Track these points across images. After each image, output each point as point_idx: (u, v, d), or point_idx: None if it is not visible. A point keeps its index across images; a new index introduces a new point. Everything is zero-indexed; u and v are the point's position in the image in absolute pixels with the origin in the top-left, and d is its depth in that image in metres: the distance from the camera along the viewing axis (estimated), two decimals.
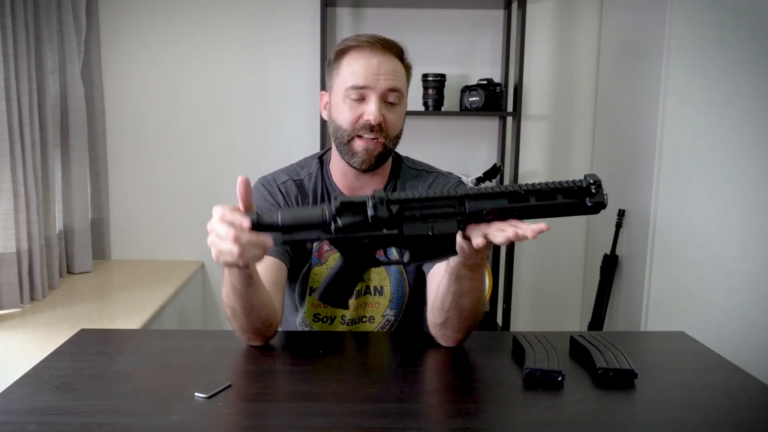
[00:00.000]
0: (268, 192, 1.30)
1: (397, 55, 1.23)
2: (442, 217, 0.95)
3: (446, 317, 1.11)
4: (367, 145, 1.21)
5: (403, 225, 0.95)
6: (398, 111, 1.24)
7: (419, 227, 0.95)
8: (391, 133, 1.23)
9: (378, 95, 1.20)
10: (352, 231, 0.94)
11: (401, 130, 1.27)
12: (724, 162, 2.16)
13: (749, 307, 2.20)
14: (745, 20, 2.10)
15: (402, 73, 1.24)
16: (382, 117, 1.20)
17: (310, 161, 1.35)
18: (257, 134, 2.69)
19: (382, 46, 1.21)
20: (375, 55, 1.20)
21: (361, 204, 0.94)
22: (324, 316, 1.33)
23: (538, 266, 2.86)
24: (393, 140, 1.25)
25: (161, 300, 2.13)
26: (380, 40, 1.22)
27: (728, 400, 0.99)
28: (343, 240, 0.95)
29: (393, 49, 1.22)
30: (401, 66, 1.24)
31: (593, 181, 0.94)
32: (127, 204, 2.70)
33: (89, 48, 2.51)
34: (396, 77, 1.21)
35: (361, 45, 1.21)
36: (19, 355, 1.61)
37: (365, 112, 1.20)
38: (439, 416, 0.95)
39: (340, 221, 0.93)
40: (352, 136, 1.22)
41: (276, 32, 2.63)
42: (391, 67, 1.21)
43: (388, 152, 1.25)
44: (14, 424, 0.87)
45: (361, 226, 0.94)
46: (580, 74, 2.73)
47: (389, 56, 1.22)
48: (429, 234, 0.94)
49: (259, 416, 0.95)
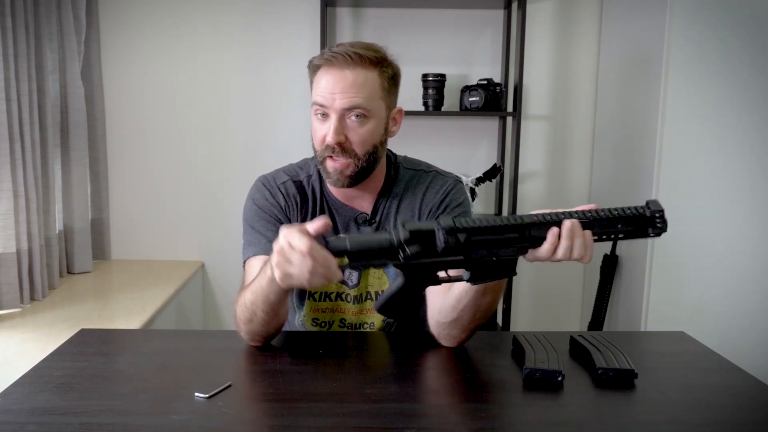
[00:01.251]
0: (268, 192, 1.29)
1: (366, 65, 1.17)
2: (506, 243, 0.97)
3: (458, 316, 1.11)
4: (335, 165, 1.20)
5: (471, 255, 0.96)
6: (365, 127, 1.18)
7: (484, 253, 0.96)
8: (359, 150, 1.19)
9: (336, 115, 1.17)
10: (419, 258, 0.96)
11: (376, 146, 1.22)
12: (723, 162, 2.16)
13: (749, 307, 2.20)
14: (744, 23, 2.10)
15: (370, 83, 1.17)
16: (344, 137, 1.17)
17: (309, 163, 1.35)
18: (257, 134, 2.69)
19: (345, 60, 1.15)
20: (335, 71, 1.16)
21: (429, 233, 0.95)
22: (323, 321, 1.33)
23: (538, 266, 2.84)
24: (364, 157, 1.20)
25: (161, 300, 2.13)
26: (344, 53, 1.16)
27: (728, 400, 0.99)
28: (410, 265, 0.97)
29: (358, 61, 1.16)
30: (373, 75, 1.18)
31: (657, 213, 0.99)
32: (127, 204, 2.70)
33: (89, 48, 2.51)
34: (357, 92, 1.15)
35: (323, 62, 1.18)
36: (19, 355, 1.61)
37: (327, 134, 1.18)
38: (439, 416, 0.95)
39: (409, 250, 0.94)
40: (323, 156, 1.21)
41: (276, 32, 2.63)
42: (353, 81, 1.15)
43: (365, 169, 1.22)
44: (14, 424, 0.87)
45: (429, 254, 0.96)
46: (580, 74, 2.73)
47: (351, 70, 1.16)
48: (493, 260, 0.97)
49: (259, 416, 0.95)
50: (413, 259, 0.95)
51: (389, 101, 1.24)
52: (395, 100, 1.27)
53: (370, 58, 1.17)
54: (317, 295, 1.31)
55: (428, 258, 0.95)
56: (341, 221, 1.29)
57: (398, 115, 1.28)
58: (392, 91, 1.24)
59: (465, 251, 0.95)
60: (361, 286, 1.30)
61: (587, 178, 2.78)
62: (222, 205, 2.70)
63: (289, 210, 1.29)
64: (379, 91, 1.19)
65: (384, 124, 1.24)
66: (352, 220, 1.29)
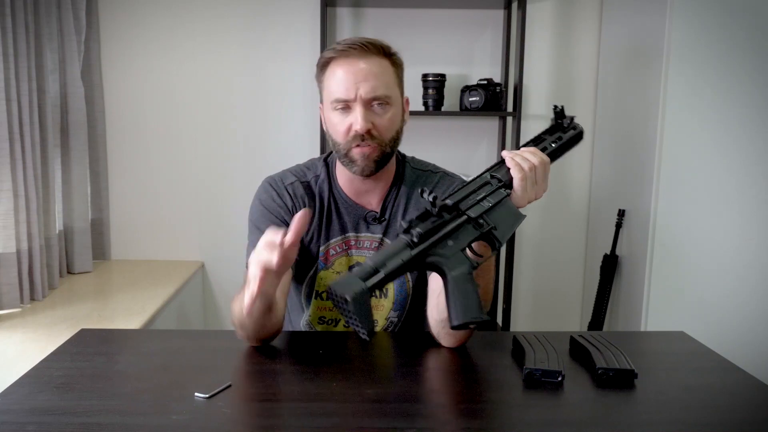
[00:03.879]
0: (275, 192, 1.29)
1: (380, 54, 1.20)
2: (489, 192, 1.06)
3: None
4: (363, 151, 1.20)
5: (466, 212, 1.02)
6: (389, 113, 1.21)
7: (479, 207, 1.04)
8: (385, 136, 1.21)
9: (361, 105, 1.18)
10: (431, 235, 0.98)
11: (398, 131, 1.25)
12: (723, 162, 2.16)
13: (749, 307, 2.20)
14: (745, 22, 2.10)
15: (387, 72, 1.20)
16: (371, 123, 1.19)
17: (317, 163, 1.35)
18: (257, 134, 2.69)
19: (360, 50, 1.18)
20: (352, 62, 1.18)
21: (424, 212, 1.00)
22: (329, 319, 1.33)
23: (538, 266, 2.86)
24: (389, 143, 1.22)
25: (161, 300, 2.13)
26: (357, 43, 1.18)
27: (728, 400, 0.99)
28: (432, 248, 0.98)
29: (372, 50, 1.19)
30: (386, 63, 1.21)
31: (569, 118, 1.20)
32: (127, 204, 2.70)
33: (89, 48, 2.51)
34: (377, 80, 1.18)
35: (338, 54, 1.19)
36: (19, 355, 1.61)
37: (353, 123, 1.19)
38: (440, 416, 0.95)
39: (418, 228, 0.97)
40: (348, 147, 1.21)
41: (276, 32, 2.63)
42: (370, 71, 1.17)
43: (388, 155, 1.24)
44: (14, 424, 0.87)
45: (436, 227, 0.99)
46: (580, 74, 2.73)
47: (369, 58, 1.18)
48: (490, 205, 1.04)
49: (259, 416, 0.95)
50: (426, 238, 0.98)
51: (401, 89, 1.27)
52: (403, 89, 1.29)
53: (384, 48, 1.21)
54: (324, 294, 1.31)
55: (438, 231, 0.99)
56: (350, 220, 1.30)
57: (407, 105, 1.31)
58: (402, 80, 1.28)
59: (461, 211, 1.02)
60: None
61: (587, 178, 2.78)
62: (222, 205, 2.70)
63: (297, 211, 1.28)
64: (394, 78, 1.23)
65: (401, 111, 1.26)
66: (361, 219, 1.30)
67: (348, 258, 1.30)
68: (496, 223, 1.03)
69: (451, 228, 1.00)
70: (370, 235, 1.30)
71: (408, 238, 0.97)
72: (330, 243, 1.30)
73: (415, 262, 0.97)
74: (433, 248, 0.98)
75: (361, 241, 1.30)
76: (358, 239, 1.30)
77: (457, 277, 0.98)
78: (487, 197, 1.05)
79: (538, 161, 1.09)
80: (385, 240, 1.29)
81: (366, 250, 1.30)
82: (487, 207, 1.04)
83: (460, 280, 0.98)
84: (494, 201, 1.05)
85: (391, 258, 0.96)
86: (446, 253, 0.99)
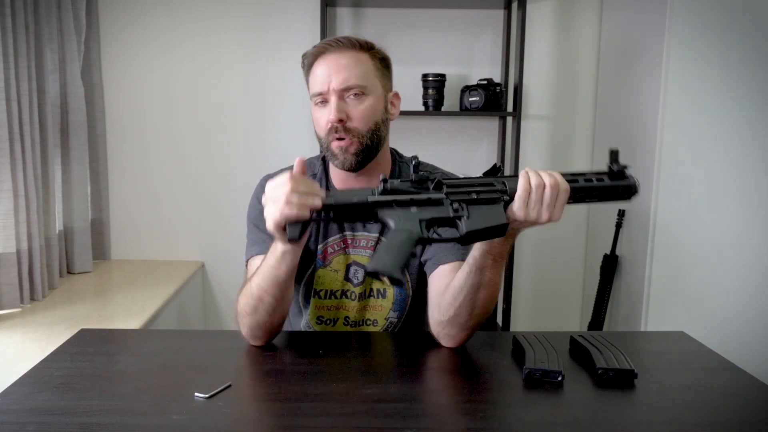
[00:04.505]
0: None
1: (355, 48, 1.21)
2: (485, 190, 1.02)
3: (456, 313, 1.11)
4: (340, 144, 1.21)
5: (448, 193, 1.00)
6: (364, 103, 1.21)
7: (464, 195, 1.00)
8: (361, 127, 1.21)
9: (336, 94, 1.19)
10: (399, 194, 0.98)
11: (378, 123, 1.23)
12: (724, 162, 2.16)
13: (749, 307, 2.20)
14: (744, 20, 2.10)
15: (362, 63, 1.21)
16: (345, 114, 1.19)
17: (314, 162, 1.35)
18: (257, 134, 2.69)
19: (335, 46, 1.20)
20: (328, 56, 1.20)
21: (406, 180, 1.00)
22: (327, 319, 1.33)
23: (538, 266, 2.86)
24: (367, 134, 1.22)
25: (161, 300, 2.13)
26: (332, 40, 1.21)
27: (728, 400, 0.99)
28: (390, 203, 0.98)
29: (347, 44, 1.21)
30: (364, 56, 1.22)
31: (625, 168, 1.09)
32: (127, 204, 2.70)
33: (89, 48, 2.51)
34: (349, 72, 1.19)
35: (317, 52, 1.22)
36: (19, 355, 1.61)
37: (328, 115, 1.20)
38: (440, 416, 0.95)
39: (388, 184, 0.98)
40: (328, 141, 1.22)
41: (276, 32, 2.63)
42: (343, 63, 1.19)
43: (369, 148, 1.22)
44: (14, 424, 0.87)
45: (408, 191, 0.99)
46: (580, 74, 2.73)
47: (342, 52, 1.20)
48: (476, 197, 1.00)
49: (259, 416, 0.95)
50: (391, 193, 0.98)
51: (384, 82, 1.26)
52: (390, 84, 1.29)
53: (360, 42, 1.23)
54: (322, 293, 1.31)
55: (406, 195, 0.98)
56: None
57: (396, 99, 1.31)
58: (386, 73, 1.27)
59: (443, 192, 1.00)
60: (365, 284, 1.31)
61: None
62: (222, 205, 2.70)
63: None
64: (373, 70, 1.23)
65: (383, 104, 1.26)
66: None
67: (346, 256, 1.30)
68: (472, 214, 0.99)
69: (423, 198, 0.99)
70: (367, 234, 1.30)
71: (375, 189, 0.99)
72: (328, 241, 1.30)
73: (367, 208, 0.99)
74: (392, 206, 0.98)
75: (357, 239, 1.30)
76: (354, 238, 1.30)
77: (398, 233, 0.97)
78: (481, 193, 1.01)
79: (552, 182, 1.01)
80: (382, 239, 1.29)
81: (363, 249, 1.30)
82: (471, 198, 1.00)
83: (396, 235, 0.97)
84: (483, 198, 1.01)
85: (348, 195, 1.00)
86: (403, 215, 0.98)
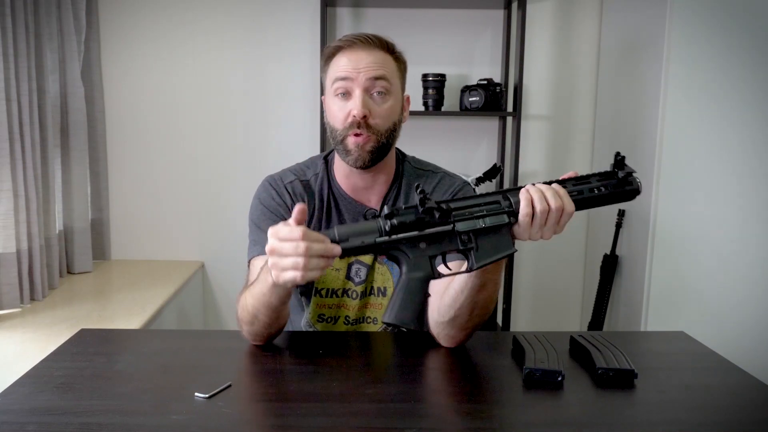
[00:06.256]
0: (275, 191, 1.30)
1: (383, 48, 1.23)
2: (491, 213, 1.00)
3: (455, 314, 1.11)
4: (357, 140, 1.21)
5: (455, 223, 0.98)
6: (387, 103, 1.22)
7: (471, 224, 0.98)
8: (382, 126, 1.21)
9: (361, 88, 1.19)
10: (407, 230, 0.97)
11: (395, 124, 1.25)
12: (724, 162, 2.16)
13: (749, 307, 2.20)
14: (744, 20, 2.10)
15: (389, 63, 1.23)
16: (368, 111, 1.20)
17: (316, 161, 1.35)
18: (257, 134, 2.69)
19: (364, 42, 1.21)
20: (356, 50, 1.21)
21: (411, 207, 0.98)
22: (328, 317, 1.34)
23: (538, 266, 2.86)
24: (385, 134, 1.22)
25: (161, 300, 2.13)
26: (363, 36, 1.22)
27: (728, 400, 0.99)
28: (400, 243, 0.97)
29: (376, 43, 1.22)
30: (389, 57, 1.24)
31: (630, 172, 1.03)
32: (127, 204, 2.70)
33: (89, 48, 2.51)
34: (380, 66, 1.21)
35: (344, 44, 1.22)
36: (19, 355, 1.61)
37: (352, 109, 1.20)
38: (440, 416, 0.95)
39: (395, 220, 0.96)
40: (344, 135, 1.22)
41: (276, 32, 2.63)
42: (373, 59, 1.21)
43: (384, 147, 1.23)
44: (14, 424, 0.87)
45: (416, 224, 0.97)
46: (580, 74, 2.73)
47: (372, 50, 1.21)
48: (483, 227, 0.98)
49: (260, 416, 0.95)
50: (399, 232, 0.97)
51: (402, 85, 1.28)
52: (405, 87, 1.31)
53: (388, 44, 1.24)
54: (324, 291, 1.31)
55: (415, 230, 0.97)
56: (350, 217, 1.30)
57: (407, 103, 1.32)
58: (404, 77, 1.29)
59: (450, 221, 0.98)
60: (367, 283, 1.31)
61: None
62: (222, 205, 2.70)
63: None
64: (396, 71, 1.25)
65: (401, 105, 1.27)
66: (360, 216, 1.30)
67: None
68: (481, 245, 0.99)
69: (431, 232, 0.98)
70: None
71: (382, 224, 0.97)
72: None
73: (377, 249, 0.98)
74: (402, 244, 0.98)
75: None
76: None
77: (411, 280, 0.97)
78: (486, 217, 0.99)
79: (556, 207, 0.99)
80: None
81: None
82: (478, 227, 0.99)
83: (412, 284, 0.97)
84: (490, 223, 0.99)
85: (356, 236, 0.96)
86: (413, 254, 0.98)
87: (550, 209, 0.99)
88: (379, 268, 1.30)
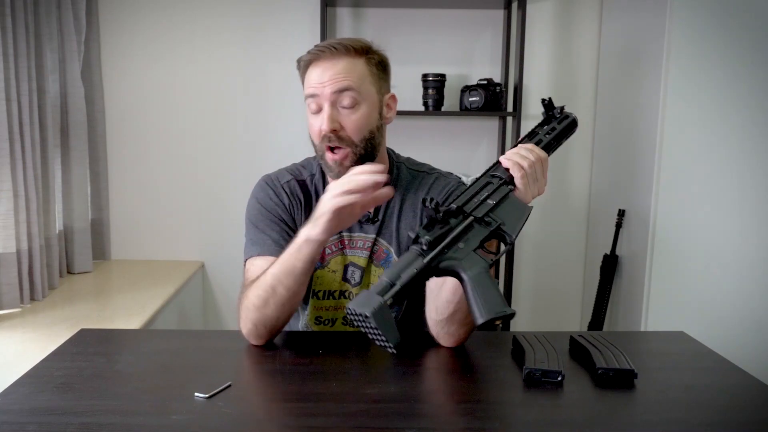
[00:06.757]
0: (272, 191, 1.30)
1: (350, 53, 1.19)
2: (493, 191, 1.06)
3: (454, 309, 1.11)
4: (334, 158, 1.21)
5: (472, 213, 1.03)
6: (357, 113, 1.20)
7: (484, 206, 1.04)
8: (355, 137, 1.20)
9: (328, 103, 1.19)
10: (440, 241, 0.99)
11: (372, 131, 1.22)
12: (723, 162, 2.16)
13: (749, 307, 2.20)
14: (744, 22, 2.10)
15: (356, 69, 1.19)
16: (338, 124, 1.19)
17: (312, 162, 1.35)
18: (257, 134, 2.69)
19: (329, 51, 1.19)
20: (322, 62, 1.19)
21: (430, 220, 1.00)
22: (326, 319, 1.33)
23: (538, 266, 2.86)
24: (361, 144, 1.21)
25: (161, 300, 2.13)
26: (329, 45, 1.19)
27: (728, 400, 0.99)
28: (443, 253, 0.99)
29: (341, 50, 1.19)
30: (359, 61, 1.20)
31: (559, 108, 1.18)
32: (127, 204, 2.70)
33: (89, 48, 2.51)
34: (345, 77, 1.18)
35: (312, 57, 1.21)
36: (19, 355, 1.61)
37: (321, 123, 1.19)
38: (439, 416, 0.95)
39: (427, 236, 0.98)
40: (322, 150, 1.22)
41: (276, 32, 2.63)
42: (337, 69, 1.18)
43: (363, 157, 1.22)
44: (14, 424, 0.87)
45: (444, 233, 1.00)
46: (580, 74, 2.73)
47: (337, 59, 1.18)
48: (494, 203, 1.05)
49: (259, 416, 0.95)
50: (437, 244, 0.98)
51: (380, 86, 1.25)
52: (387, 86, 1.28)
53: (355, 47, 1.21)
54: (321, 293, 1.31)
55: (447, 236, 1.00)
56: None
57: (392, 101, 1.29)
58: (382, 77, 1.26)
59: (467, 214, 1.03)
60: (363, 284, 1.31)
61: (587, 179, 2.78)
62: (222, 204, 2.70)
63: (293, 209, 1.29)
64: (368, 77, 1.22)
65: (378, 110, 1.24)
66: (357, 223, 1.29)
67: (343, 257, 1.30)
68: (504, 219, 1.04)
69: (459, 231, 1.01)
70: (363, 235, 1.29)
71: (418, 247, 0.98)
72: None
73: (429, 269, 0.98)
74: (445, 253, 0.99)
75: (354, 240, 1.30)
76: (351, 239, 1.30)
77: (475, 276, 0.98)
78: (491, 195, 1.06)
79: (536, 157, 1.09)
80: (378, 240, 1.29)
81: (359, 250, 1.30)
82: (491, 205, 1.04)
83: (478, 278, 0.98)
84: (498, 198, 1.05)
85: (404, 269, 0.96)
86: (459, 256, 0.99)
87: (534, 161, 1.09)
88: (374, 270, 1.30)
